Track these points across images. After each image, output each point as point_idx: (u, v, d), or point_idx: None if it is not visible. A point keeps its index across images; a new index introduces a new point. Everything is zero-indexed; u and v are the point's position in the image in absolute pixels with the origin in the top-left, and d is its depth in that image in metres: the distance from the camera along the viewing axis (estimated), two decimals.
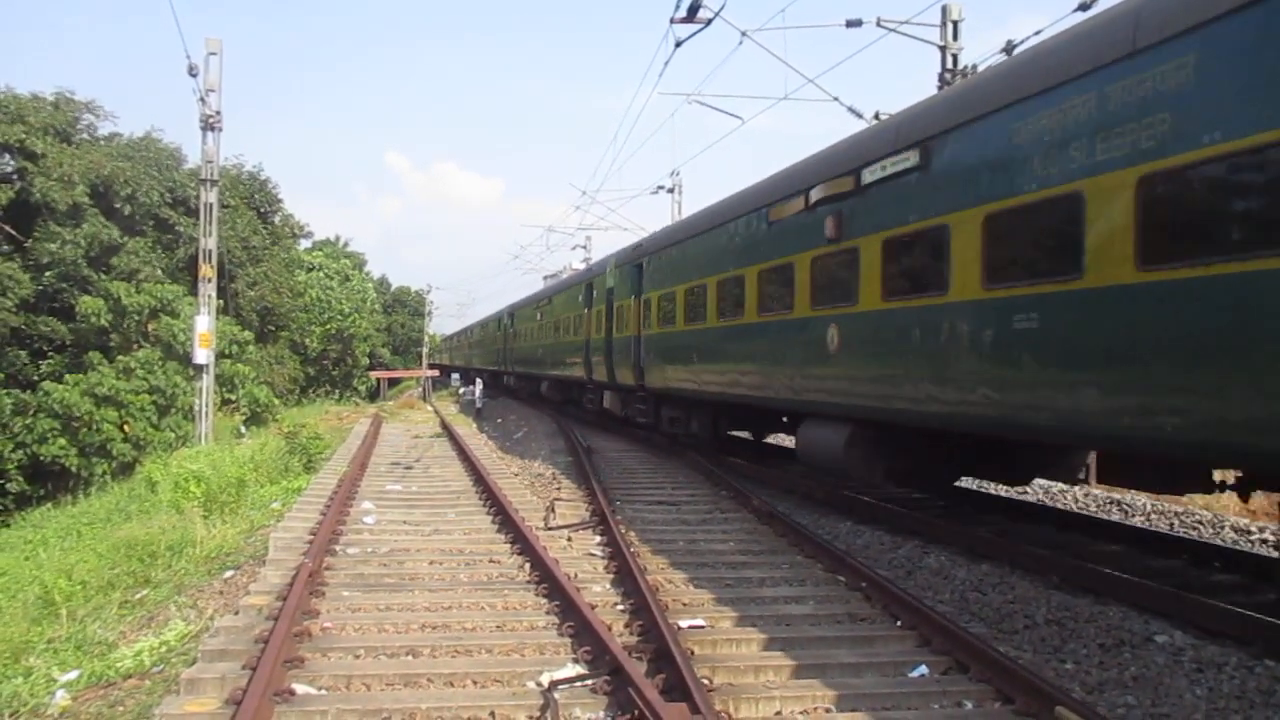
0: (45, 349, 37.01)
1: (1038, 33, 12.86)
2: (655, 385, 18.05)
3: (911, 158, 9.40)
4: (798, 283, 11.87)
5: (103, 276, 35.62)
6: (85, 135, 39.94)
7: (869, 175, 10.19)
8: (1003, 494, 13.04)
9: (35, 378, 34.92)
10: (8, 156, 36.87)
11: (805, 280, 11.68)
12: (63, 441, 31.38)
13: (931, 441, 10.27)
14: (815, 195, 11.35)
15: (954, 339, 8.67)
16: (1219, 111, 6.08)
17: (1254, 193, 6.03)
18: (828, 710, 5.68)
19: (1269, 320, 5.73)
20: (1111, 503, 13.16)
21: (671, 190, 33.61)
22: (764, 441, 19.39)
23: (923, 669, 6.27)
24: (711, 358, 15.07)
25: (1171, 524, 11.98)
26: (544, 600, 7.89)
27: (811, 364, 11.52)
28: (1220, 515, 12.19)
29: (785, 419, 15.44)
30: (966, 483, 13.16)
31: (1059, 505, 13.03)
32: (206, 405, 24.68)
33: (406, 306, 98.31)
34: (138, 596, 10.38)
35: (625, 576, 8.37)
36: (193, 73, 23.03)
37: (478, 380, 38.84)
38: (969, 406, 8.50)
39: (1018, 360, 7.88)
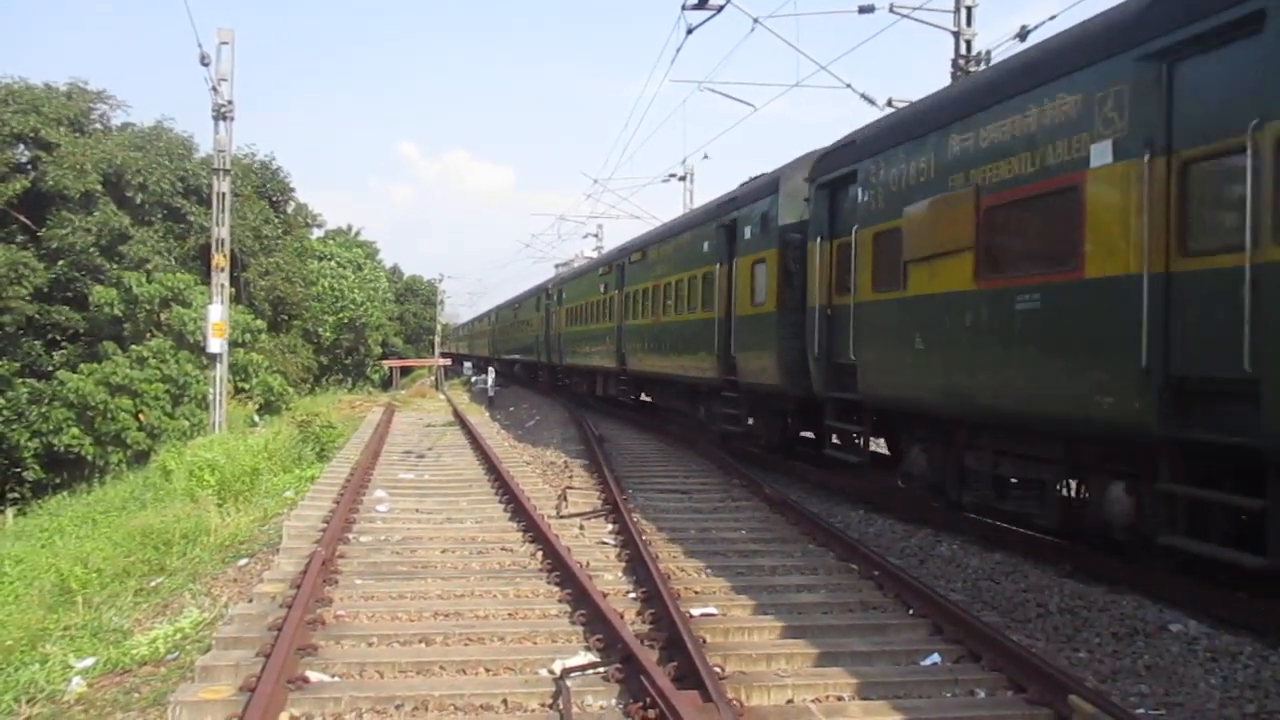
0: (59, 338, 37.19)
1: (1053, 18, 12.71)
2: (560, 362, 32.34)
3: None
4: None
5: (115, 266, 35.74)
6: (99, 125, 40.04)
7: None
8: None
9: (50, 367, 35.11)
10: (22, 147, 36.99)
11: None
12: (77, 430, 31.55)
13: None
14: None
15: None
16: None
17: None
18: (840, 699, 5.67)
19: None
20: None
21: (683, 178, 33.58)
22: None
23: (935, 657, 6.26)
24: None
25: None
26: (556, 588, 7.90)
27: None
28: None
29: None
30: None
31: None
32: (220, 394, 24.75)
33: (419, 295, 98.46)
34: (153, 584, 10.44)
35: (637, 565, 8.37)
36: (205, 62, 22.99)
37: (490, 368, 38.95)
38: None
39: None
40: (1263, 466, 6.05)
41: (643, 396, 24.32)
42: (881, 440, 13.04)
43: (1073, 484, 8.55)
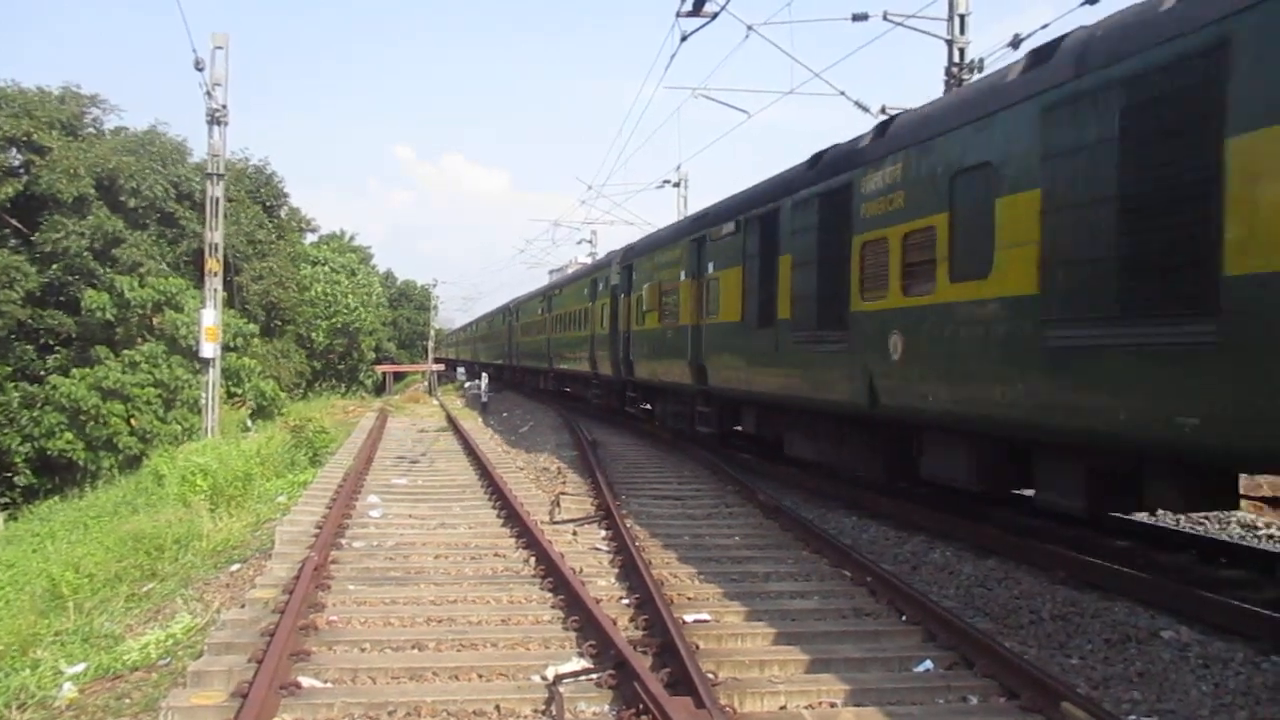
0: (51, 343, 37.14)
1: (1045, 26, 12.82)
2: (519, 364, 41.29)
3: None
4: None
5: (108, 270, 35.69)
6: (92, 129, 40.00)
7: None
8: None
9: (42, 372, 35.05)
10: (15, 150, 36.95)
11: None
12: (70, 435, 31.52)
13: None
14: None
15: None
16: None
17: None
18: (833, 705, 5.68)
19: None
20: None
21: (677, 185, 33.65)
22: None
23: (928, 664, 6.27)
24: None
25: (1178, 520, 11.94)
26: (549, 594, 7.89)
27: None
28: (1226, 511, 12.13)
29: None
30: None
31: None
32: (213, 399, 24.72)
33: (412, 301, 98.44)
34: (144, 589, 10.42)
35: (630, 571, 8.37)
36: (199, 67, 23.01)
37: (483, 374, 38.96)
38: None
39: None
40: (711, 397, 15.66)
41: (568, 391, 33.17)
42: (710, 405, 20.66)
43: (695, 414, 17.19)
